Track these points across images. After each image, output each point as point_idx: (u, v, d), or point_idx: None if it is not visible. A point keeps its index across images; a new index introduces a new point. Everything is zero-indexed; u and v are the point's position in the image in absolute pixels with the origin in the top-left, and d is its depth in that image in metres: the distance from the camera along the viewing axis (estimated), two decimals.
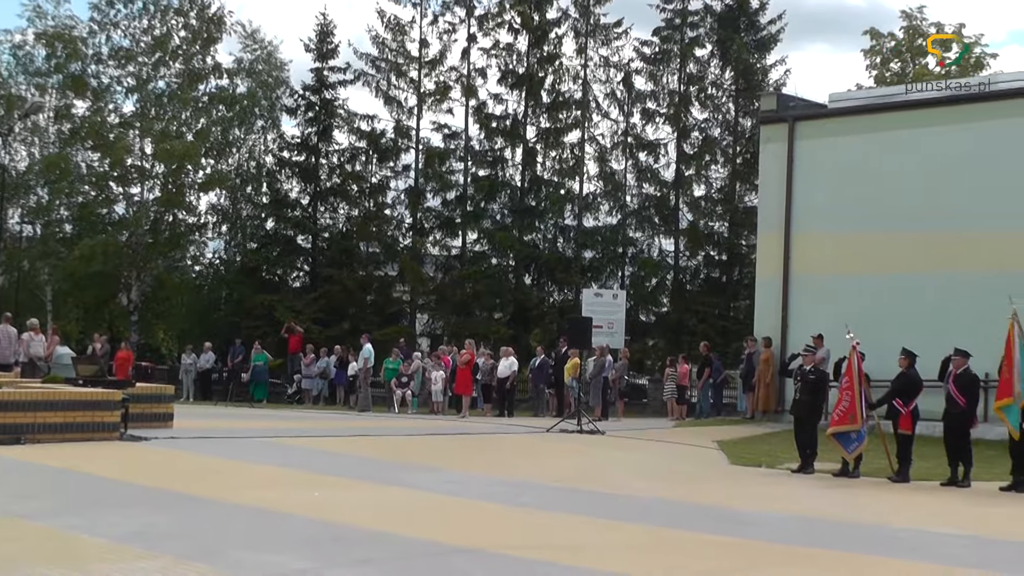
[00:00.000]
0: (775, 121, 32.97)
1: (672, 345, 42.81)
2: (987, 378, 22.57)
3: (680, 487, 19.07)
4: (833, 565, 11.94)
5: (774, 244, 32.29)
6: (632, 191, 48.28)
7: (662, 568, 11.29)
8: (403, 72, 48.69)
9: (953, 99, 30.58)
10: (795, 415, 21.71)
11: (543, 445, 25.13)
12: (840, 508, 16.75)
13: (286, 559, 10.85)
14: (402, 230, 49.62)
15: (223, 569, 10.29)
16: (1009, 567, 11.86)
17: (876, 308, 28.95)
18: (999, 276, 26.69)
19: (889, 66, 52.96)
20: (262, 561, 10.69)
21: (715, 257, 47.42)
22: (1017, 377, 18.53)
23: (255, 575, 10.11)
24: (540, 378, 34.53)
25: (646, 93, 47.88)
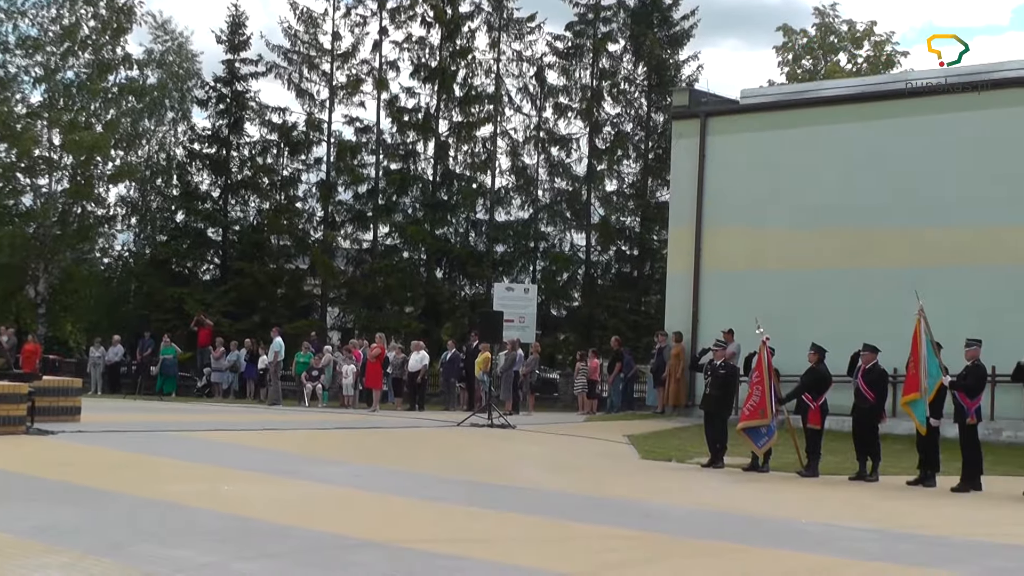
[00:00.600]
0: (687, 117, 33.13)
1: (583, 339, 42.91)
2: (895, 373, 22.88)
3: (590, 481, 19.12)
4: (741, 559, 12.00)
5: (685, 239, 32.46)
6: (544, 185, 48.33)
7: (570, 561, 11.30)
8: (315, 65, 48.37)
9: (864, 96, 30.89)
10: (705, 410, 21.86)
11: (453, 439, 25.10)
12: (749, 502, 16.88)
13: (193, 553, 10.74)
14: (313, 223, 49.31)
15: (129, 564, 10.15)
16: (915, 560, 12.00)
17: (786, 303, 29.19)
18: (908, 272, 27.03)
19: (801, 63, 53.44)
20: (169, 556, 10.56)
21: (626, 252, 47.57)
22: (924, 373, 18.77)
23: (161, 570, 9.96)
24: (451, 372, 34.51)
25: (559, 88, 47.94)
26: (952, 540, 13.63)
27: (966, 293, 26.87)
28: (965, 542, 13.51)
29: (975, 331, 20.46)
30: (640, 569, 11.20)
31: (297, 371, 35.61)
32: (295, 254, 48.91)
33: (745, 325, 24.24)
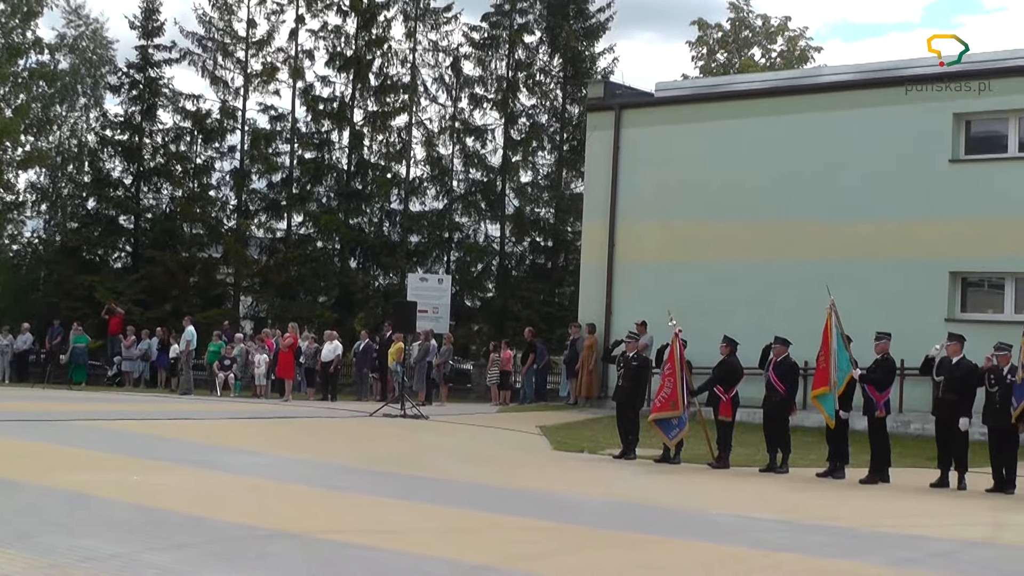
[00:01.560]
0: (602, 109, 33.21)
1: (496, 330, 42.91)
2: (806, 366, 23.10)
3: (502, 472, 19.15)
4: (653, 549, 12.06)
5: (599, 231, 32.55)
6: (459, 176, 48.29)
7: (483, 552, 11.29)
8: (230, 52, 47.90)
9: (778, 91, 31.16)
10: (617, 401, 21.93)
11: (366, 429, 25.02)
12: (660, 493, 16.98)
13: (100, 544, 10.62)
14: (227, 212, 48.86)
15: (35, 554, 10.00)
16: (824, 551, 12.13)
17: (699, 296, 29.34)
18: (819, 265, 27.26)
19: (716, 57, 53.84)
20: (76, 546, 10.43)
21: (541, 243, 47.64)
22: (833, 366, 18.98)
23: (68, 560, 9.83)
24: (364, 362, 34.37)
25: (474, 78, 47.87)
26: (860, 531, 13.80)
27: (876, 287, 27.21)
28: (873, 533, 13.68)
29: (884, 325, 20.75)
30: (552, 560, 11.21)
31: (209, 360, 35.33)
32: (208, 243, 48.43)
33: (658, 317, 24.37)
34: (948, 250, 27.12)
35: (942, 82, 27.79)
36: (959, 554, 12.29)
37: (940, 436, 18.71)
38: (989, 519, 15.23)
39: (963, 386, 18.44)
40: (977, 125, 28.12)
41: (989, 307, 27.50)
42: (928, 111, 27.75)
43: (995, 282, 27.62)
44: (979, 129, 28.18)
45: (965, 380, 18.45)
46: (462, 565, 10.57)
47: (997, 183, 26.98)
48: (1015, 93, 26.93)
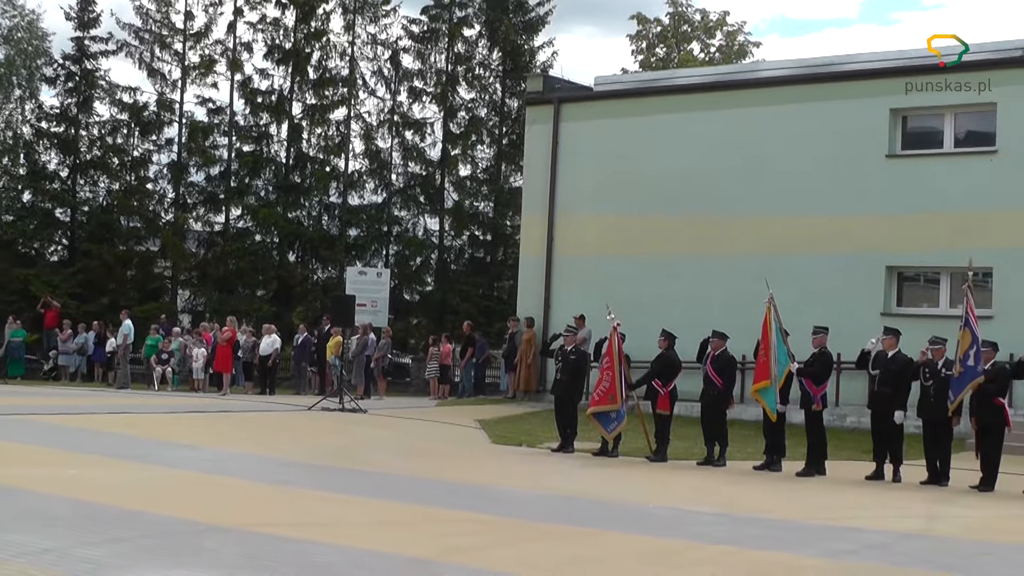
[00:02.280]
0: (541, 103, 33.20)
1: (436, 324, 42.87)
2: (744, 360, 23.22)
3: (440, 465, 19.14)
4: (589, 542, 12.08)
5: (538, 225, 32.55)
6: (398, 170, 48.18)
7: (419, 545, 11.27)
8: (167, 44, 47.47)
9: (716, 85, 31.28)
10: (556, 395, 21.97)
11: (304, 423, 24.88)
12: (598, 487, 17.02)
13: (34, 538, 10.51)
14: (164, 205, 48.40)
15: None
16: (760, 543, 12.19)
17: (637, 290, 29.41)
18: (757, 259, 27.46)
19: (655, 51, 54.00)
20: (8, 541, 10.32)
21: (480, 237, 47.65)
22: (773, 360, 19.09)
23: (1, 555, 9.76)
24: (302, 356, 34.21)
25: (413, 72, 47.77)
26: (796, 524, 13.90)
27: (813, 281, 27.37)
28: (808, 525, 13.79)
29: (821, 319, 20.89)
30: (489, 552, 11.21)
31: (146, 354, 35.05)
32: (145, 236, 47.97)
33: (596, 311, 24.42)
34: (884, 244, 27.32)
35: (880, 78, 28.06)
36: (893, 546, 12.40)
37: (876, 429, 18.88)
38: (923, 511, 15.39)
39: (898, 380, 18.60)
40: (913, 120, 28.36)
41: (925, 301, 27.76)
42: (865, 106, 27.93)
43: (931, 276, 27.86)
44: (915, 124, 28.41)
45: (900, 374, 18.62)
46: (397, 558, 10.55)
47: (933, 178, 27.21)
48: (951, 89, 27.13)
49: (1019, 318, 24.88)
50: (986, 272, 25.74)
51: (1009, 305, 25.41)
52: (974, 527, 14.30)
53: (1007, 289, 25.72)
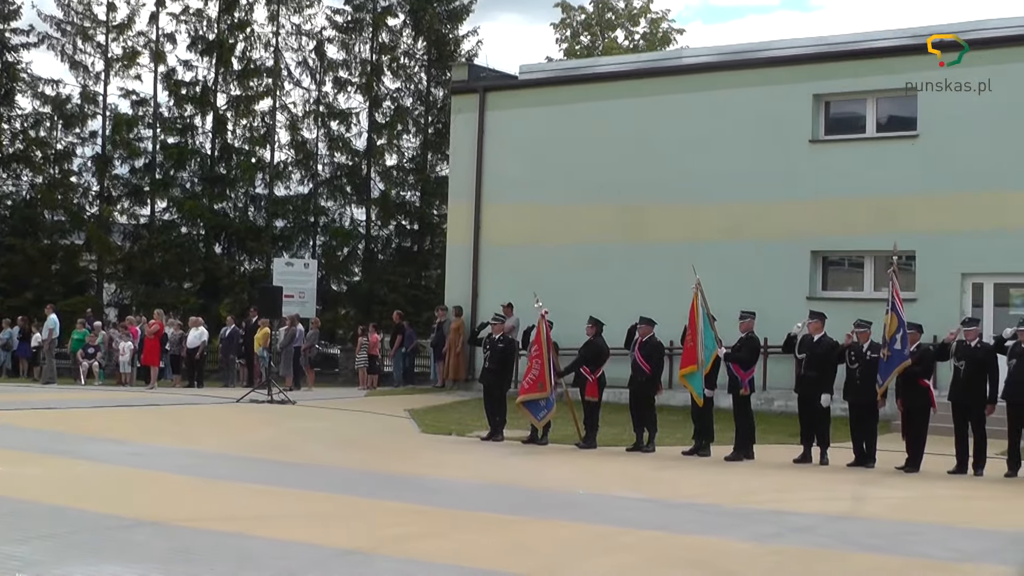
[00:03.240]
0: (466, 91, 33.18)
1: (364, 314, 42.73)
2: (671, 346, 23.35)
3: (370, 456, 19.11)
4: (520, 530, 12.11)
5: (464, 214, 32.55)
6: (324, 160, 47.93)
7: (352, 536, 11.26)
8: (90, 36, 46.90)
9: (640, 73, 31.40)
10: (485, 383, 21.98)
11: (233, 416, 24.77)
12: (528, 474, 17.06)
13: None
14: (89, 198, 47.85)
15: None
16: (689, 528, 12.28)
17: (565, 277, 29.50)
18: (684, 246, 27.62)
19: (579, 39, 54.08)
20: None
21: (407, 227, 47.53)
22: (701, 345, 19.21)
23: None
24: (230, 348, 34.03)
25: (338, 62, 47.53)
26: (724, 508, 14.00)
27: (739, 266, 27.55)
28: (736, 509, 13.90)
29: (748, 304, 21.04)
30: (421, 543, 11.22)
31: (72, 348, 34.71)
32: (70, 229, 47.39)
33: (524, 299, 24.45)
34: (809, 229, 27.57)
35: (802, 64, 28.32)
36: (820, 528, 12.54)
37: (803, 412, 19.05)
38: (850, 493, 15.54)
39: (824, 363, 18.81)
40: (836, 106, 28.62)
41: (849, 285, 28.07)
42: (788, 92, 28.16)
43: (855, 260, 28.16)
44: (838, 110, 28.68)
45: (826, 357, 18.83)
46: (329, 550, 10.53)
47: (856, 163, 27.47)
48: (873, 74, 27.45)
49: (942, 300, 25.23)
50: (909, 256, 26.03)
51: (932, 288, 25.74)
52: (899, 507, 14.48)
53: (929, 272, 26.04)
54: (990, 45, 26.14)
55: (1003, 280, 25.59)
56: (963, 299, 25.62)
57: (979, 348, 17.96)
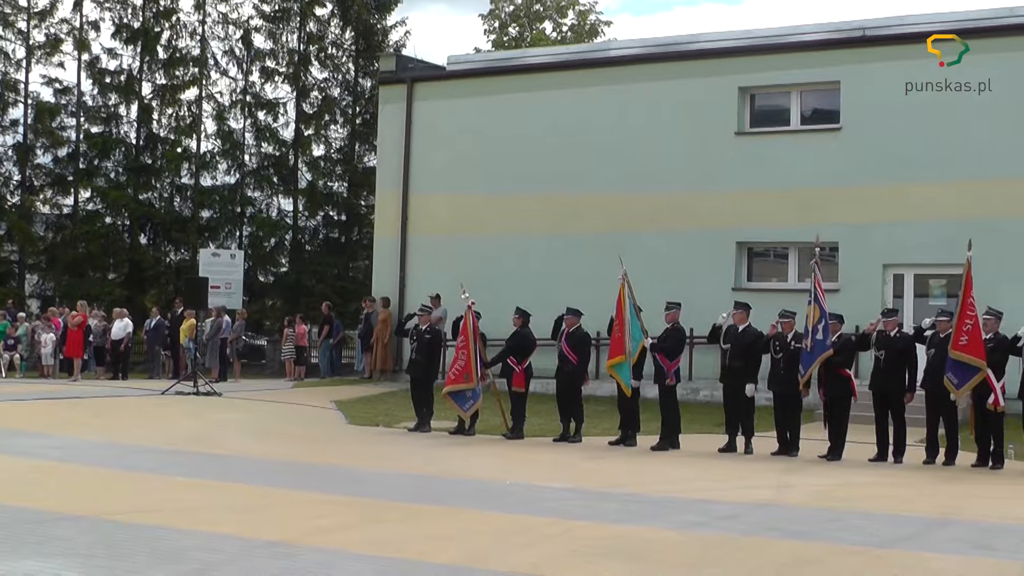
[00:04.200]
0: (394, 82, 33.09)
1: (291, 305, 42.54)
2: (598, 336, 23.45)
3: (297, 448, 19.06)
4: (446, 520, 12.12)
5: (392, 205, 32.48)
6: (251, 150, 47.53)
7: (277, 528, 11.21)
8: (10, 23, 46.19)
9: (568, 64, 31.47)
10: (412, 375, 21.99)
11: (158, 408, 24.57)
12: (455, 465, 17.07)
13: None
14: (10, 188, 47.13)
15: None
16: (614, 517, 12.33)
17: (492, 268, 29.52)
18: (610, 237, 27.75)
19: (507, 31, 54.08)
20: None
21: (334, 217, 47.33)
22: (627, 336, 19.31)
23: None
24: (155, 340, 33.74)
25: (265, 51, 47.16)
26: (650, 497, 14.10)
27: (666, 257, 27.73)
28: (662, 499, 14.00)
29: (674, 294, 21.18)
30: (347, 533, 11.21)
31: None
32: None
33: (452, 290, 24.46)
34: (734, 220, 27.78)
35: (728, 56, 28.51)
36: (744, 516, 12.66)
37: (728, 402, 19.24)
38: (773, 481, 15.69)
39: (749, 353, 19.00)
40: (761, 99, 28.85)
41: (774, 276, 28.32)
42: (714, 85, 28.36)
43: (780, 252, 28.41)
44: (763, 103, 28.92)
45: (751, 347, 19.02)
46: (254, 542, 10.48)
47: (780, 155, 27.73)
48: (798, 68, 27.70)
49: (863, 291, 25.57)
50: (832, 247, 26.33)
51: (854, 279, 26.07)
52: (822, 495, 14.63)
53: (852, 263, 26.35)
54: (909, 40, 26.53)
55: (923, 271, 25.95)
56: (884, 290, 25.97)
57: (899, 338, 18.27)
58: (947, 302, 23.77)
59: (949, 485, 15.82)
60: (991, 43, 25.75)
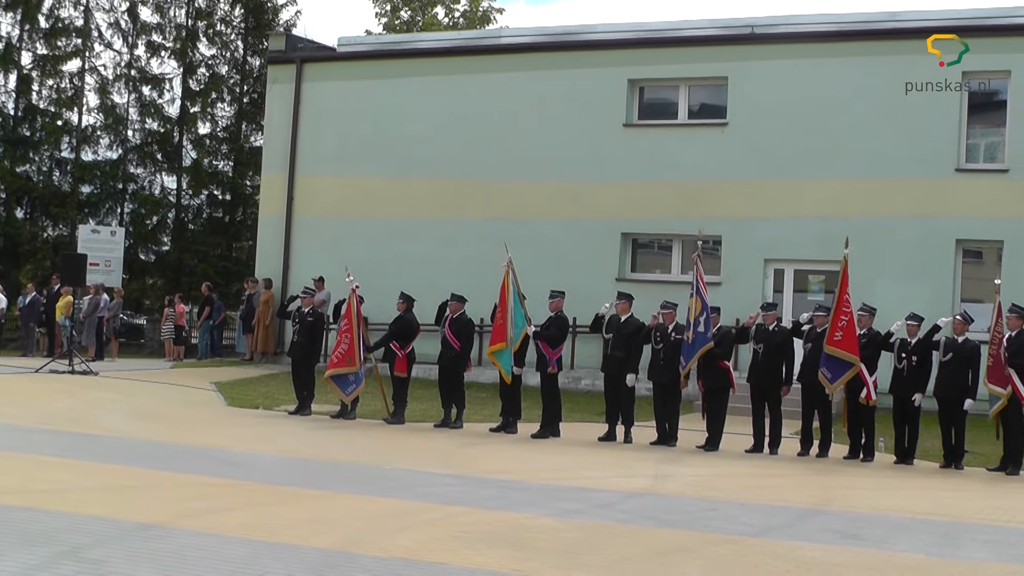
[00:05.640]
0: (283, 62, 32.78)
1: (172, 285, 41.97)
2: (482, 323, 23.47)
3: (174, 429, 18.83)
4: (325, 504, 12.06)
5: (278, 185, 32.18)
6: (134, 126, 46.73)
7: (151, 510, 11.07)
8: None
9: (459, 50, 31.38)
10: (293, 357, 21.86)
11: (31, 386, 24.09)
12: (336, 449, 17.01)
13: None
14: None
15: None
16: (493, 504, 12.36)
17: (377, 252, 29.44)
18: (497, 224, 27.79)
19: (399, 14, 53.82)
20: None
21: (219, 197, 46.73)
22: (510, 323, 19.34)
23: None
24: (30, 316, 33.06)
25: (152, 25, 46.37)
26: (529, 484, 14.14)
27: (551, 246, 27.85)
28: (541, 486, 14.05)
29: (558, 283, 21.28)
30: (222, 516, 11.09)
31: None
32: None
33: (336, 273, 24.37)
34: (620, 211, 27.95)
35: (618, 48, 28.67)
36: (620, 504, 12.76)
37: (608, 392, 19.36)
38: (651, 471, 15.83)
39: (631, 343, 19.12)
40: (650, 92, 29.06)
41: (658, 267, 28.54)
42: (604, 76, 28.49)
43: (664, 244, 28.65)
44: (652, 96, 29.13)
45: (633, 337, 19.14)
46: (126, 524, 10.32)
47: (667, 148, 27.94)
48: (687, 62, 27.94)
49: (745, 284, 25.95)
50: (716, 240, 26.63)
51: (736, 272, 26.41)
52: (699, 485, 14.82)
53: (734, 257, 26.67)
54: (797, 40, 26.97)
55: (803, 267, 26.36)
56: (765, 284, 26.34)
57: (777, 332, 18.57)
58: (825, 297, 24.17)
59: (822, 476, 16.11)
60: (870, 46, 26.28)
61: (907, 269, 25.08)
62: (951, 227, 25.24)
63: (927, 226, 25.29)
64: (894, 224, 25.41)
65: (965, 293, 25.09)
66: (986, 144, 26.05)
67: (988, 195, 25.15)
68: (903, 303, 20.96)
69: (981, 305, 23.08)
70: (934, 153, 25.41)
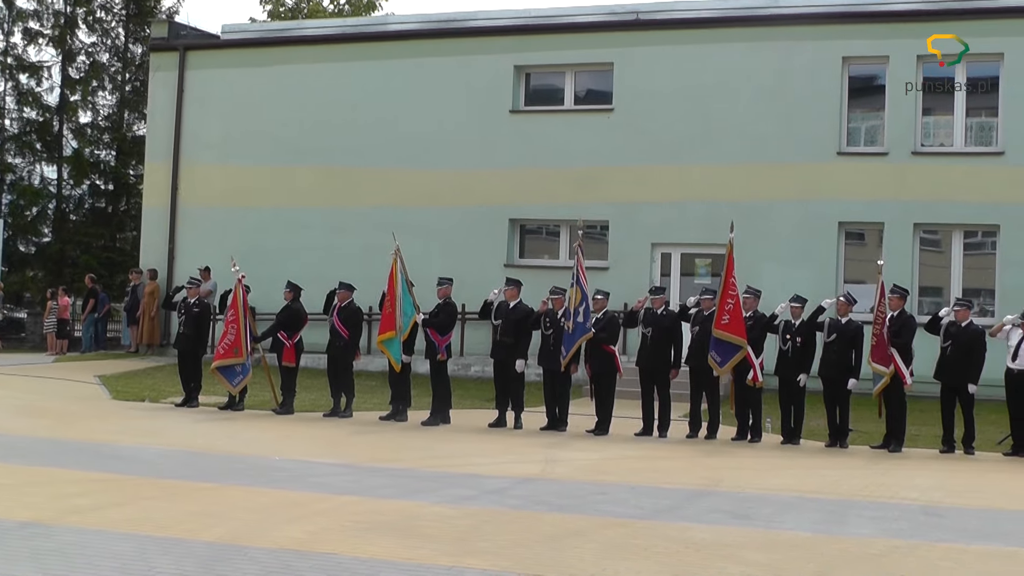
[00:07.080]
0: (166, 49, 32.34)
1: (54, 277, 41.29)
2: (370, 311, 23.38)
3: (57, 424, 18.49)
4: (213, 497, 11.93)
5: (162, 175, 31.77)
6: (11, 115, 45.90)
7: (32, 507, 10.85)
8: None
9: (344, 38, 31.18)
10: (179, 349, 21.62)
11: None
12: (224, 441, 16.83)
13: None
14: None
15: None
16: (384, 492, 12.30)
17: (263, 241, 29.24)
18: (384, 212, 27.74)
19: (284, 1, 53.35)
20: None
21: (101, 187, 46.02)
22: (399, 311, 19.28)
23: None
24: None
25: (28, 12, 45.45)
26: (419, 472, 14.11)
27: (439, 233, 27.84)
28: (432, 474, 14.03)
29: (447, 270, 21.28)
30: (107, 512, 10.91)
31: None
32: None
33: (222, 263, 24.13)
34: (508, 198, 28.01)
35: (504, 35, 28.70)
36: (511, 490, 12.78)
37: (498, 378, 19.40)
38: (542, 456, 15.87)
39: (519, 329, 19.16)
40: (536, 78, 29.14)
41: (546, 253, 28.61)
42: (490, 62, 28.52)
43: (552, 229, 28.74)
44: (538, 82, 29.21)
45: (521, 323, 19.18)
46: (5, 523, 10.09)
47: (554, 134, 28.04)
48: (572, 48, 28.04)
49: (632, 268, 26.16)
50: (603, 225, 26.81)
51: (623, 256, 26.60)
52: (589, 469, 14.88)
53: (621, 241, 26.84)
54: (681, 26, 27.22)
55: (689, 251, 26.61)
56: (652, 268, 26.56)
57: (665, 316, 18.72)
58: (711, 281, 24.44)
59: (710, 458, 16.27)
60: (753, 32, 26.62)
61: (791, 252, 25.46)
62: (833, 210, 25.65)
63: (810, 209, 25.68)
64: (778, 207, 25.78)
65: (848, 274, 25.53)
66: (866, 128, 26.48)
67: (869, 178, 25.58)
68: (788, 285, 21.32)
69: (864, 286, 23.57)
70: (816, 137, 25.81)
